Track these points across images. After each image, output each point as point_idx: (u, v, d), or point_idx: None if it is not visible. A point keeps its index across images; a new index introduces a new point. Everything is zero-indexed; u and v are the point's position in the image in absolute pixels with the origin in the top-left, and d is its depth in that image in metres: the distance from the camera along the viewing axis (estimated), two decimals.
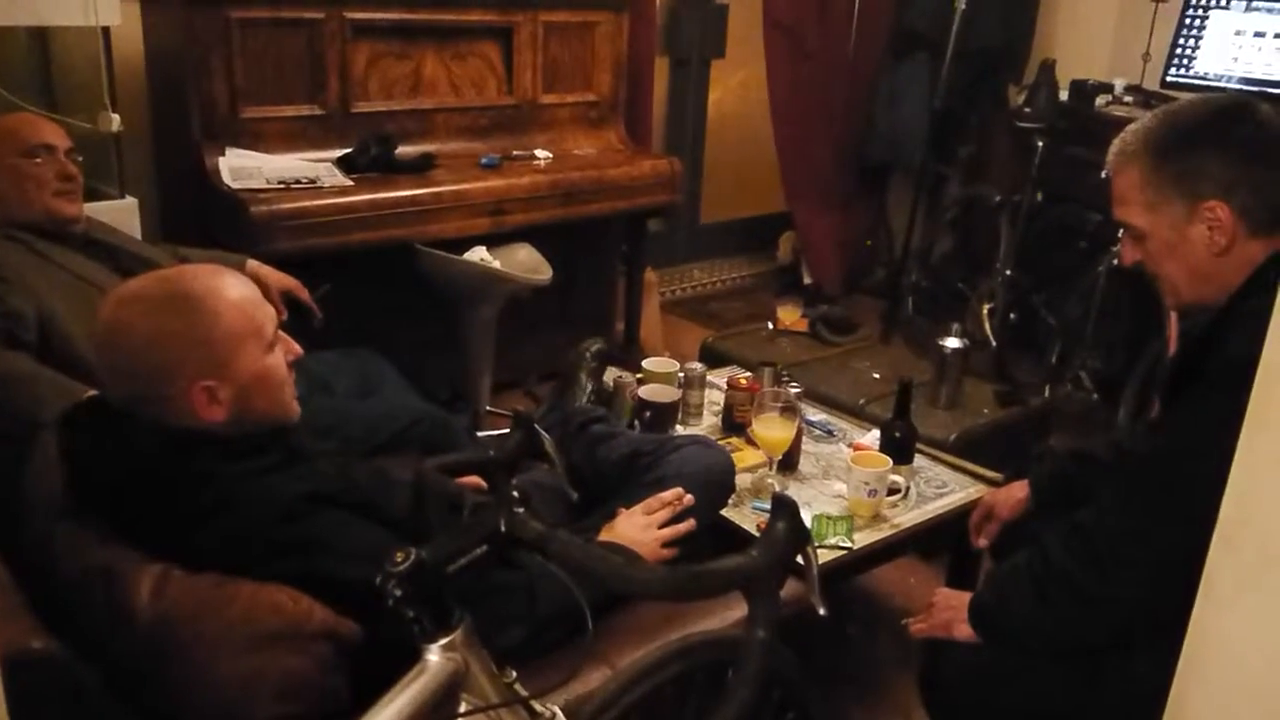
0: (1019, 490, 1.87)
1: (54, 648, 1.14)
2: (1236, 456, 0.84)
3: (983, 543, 1.92)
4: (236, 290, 1.35)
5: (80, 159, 2.12)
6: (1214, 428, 0.91)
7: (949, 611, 1.61)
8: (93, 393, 1.46)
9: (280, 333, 1.42)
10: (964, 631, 1.58)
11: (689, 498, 1.72)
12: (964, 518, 2.12)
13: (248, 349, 1.33)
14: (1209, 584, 0.87)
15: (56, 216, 2.05)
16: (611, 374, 2.41)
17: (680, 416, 2.35)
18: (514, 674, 1.13)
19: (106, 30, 2.57)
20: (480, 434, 2.77)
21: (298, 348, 1.45)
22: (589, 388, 2.30)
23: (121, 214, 2.59)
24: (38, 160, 2.03)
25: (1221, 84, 3.56)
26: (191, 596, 1.22)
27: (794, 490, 2.13)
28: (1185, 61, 3.67)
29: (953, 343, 2.68)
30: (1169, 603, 0.99)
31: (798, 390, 2.32)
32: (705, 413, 2.43)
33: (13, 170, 2.02)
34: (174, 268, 1.49)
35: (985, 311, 3.77)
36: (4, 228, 2.01)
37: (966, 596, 1.61)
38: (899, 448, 2.13)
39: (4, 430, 1.63)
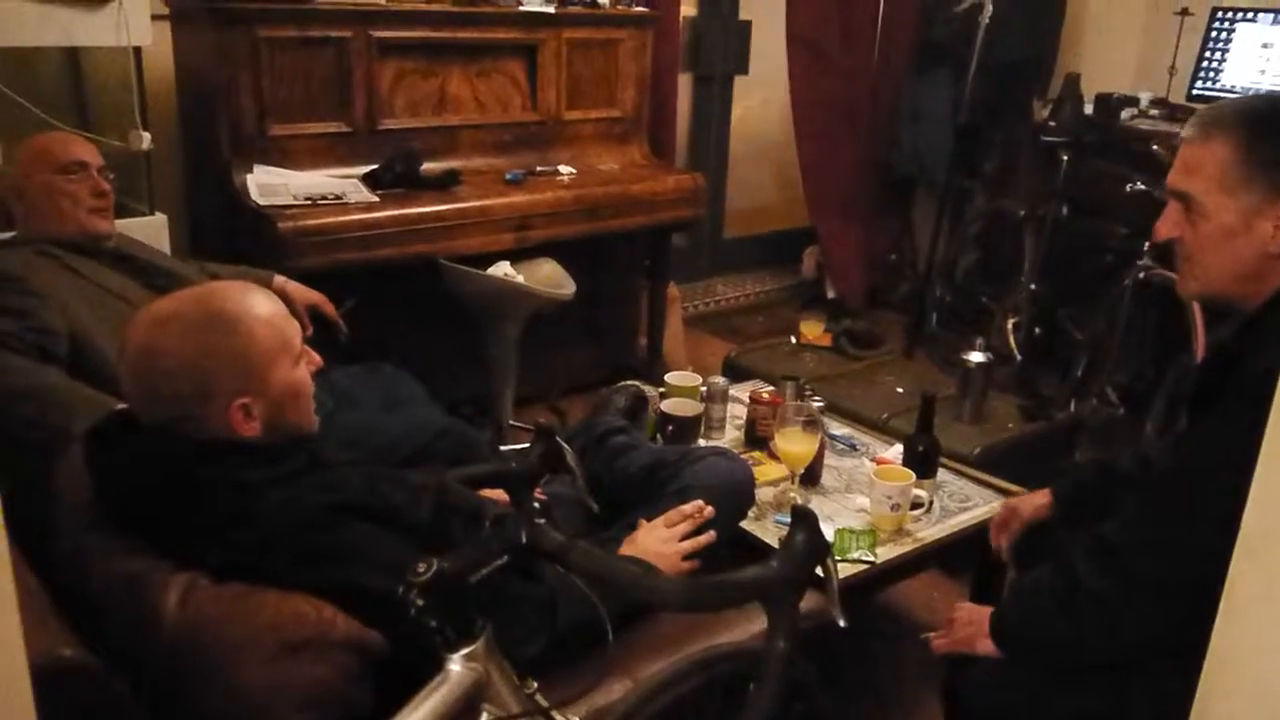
0: (1041, 496, 1.85)
1: (84, 656, 1.16)
2: (1259, 467, 0.84)
3: (1004, 542, 1.90)
4: (266, 307, 1.38)
5: (112, 176, 2.15)
6: (1242, 440, 0.89)
7: (970, 627, 1.60)
8: (122, 405, 1.48)
9: (303, 345, 1.45)
10: (986, 646, 1.56)
11: (709, 510, 1.72)
12: (987, 532, 2.11)
13: (280, 364, 1.36)
14: (1231, 594, 0.87)
15: (89, 232, 2.09)
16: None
17: (703, 430, 2.35)
18: (535, 684, 1.14)
19: (138, 50, 2.62)
20: (503, 448, 2.78)
21: (318, 358, 1.47)
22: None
23: (151, 230, 2.63)
24: (72, 177, 2.07)
25: None
26: (218, 605, 1.24)
27: (816, 504, 2.13)
28: (1212, 74, 3.65)
29: (977, 357, 2.67)
30: (1196, 617, 0.98)
31: (820, 404, 2.31)
32: (728, 427, 2.44)
33: (47, 187, 2.06)
34: (203, 286, 1.50)
35: (1010, 326, 3.76)
36: (37, 243, 2.05)
37: (987, 612, 1.60)
38: (922, 462, 2.13)
39: (36, 443, 1.65)
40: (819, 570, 1.10)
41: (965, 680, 1.62)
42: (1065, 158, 3.63)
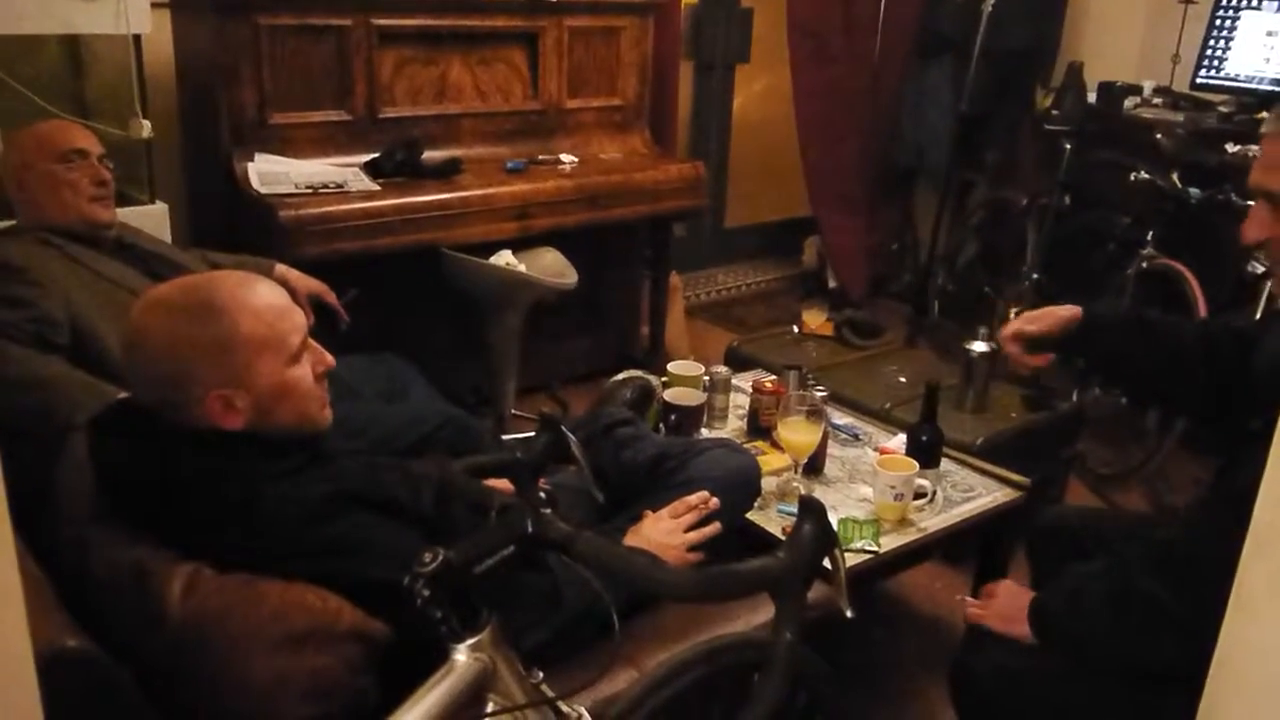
0: (1068, 312, 1.80)
1: (88, 647, 1.15)
2: (1269, 464, 0.83)
3: (1013, 349, 1.86)
4: (261, 300, 1.34)
5: (112, 165, 2.15)
6: None
7: (1011, 606, 1.58)
8: (124, 395, 1.47)
9: (312, 343, 1.41)
10: (1021, 631, 1.55)
11: (714, 501, 1.72)
12: (991, 522, 2.11)
13: (266, 360, 1.32)
14: (1240, 590, 0.87)
15: (90, 221, 2.08)
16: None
17: (705, 420, 2.35)
18: (541, 675, 1.14)
19: (137, 38, 2.60)
20: (505, 437, 2.78)
21: (330, 359, 1.43)
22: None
23: (152, 219, 2.62)
24: (72, 165, 2.06)
25: (1253, 85, 3.53)
26: (221, 596, 1.24)
27: (820, 494, 2.12)
28: (1216, 63, 3.63)
29: (979, 346, 2.66)
30: None
31: (823, 394, 2.31)
32: (730, 416, 2.43)
33: (47, 176, 2.05)
34: (204, 274, 1.48)
35: (1012, 315, 3.72)
36: (38, 232, 2.04)
37: (1029, 596, 1.58)
38: (925, 451, 2.12)
39: (37, 432, 1.65)
40: (826, 561, 1.10)
41: (975, 663, 1.61)
42: (1068, 147, 3.61)
